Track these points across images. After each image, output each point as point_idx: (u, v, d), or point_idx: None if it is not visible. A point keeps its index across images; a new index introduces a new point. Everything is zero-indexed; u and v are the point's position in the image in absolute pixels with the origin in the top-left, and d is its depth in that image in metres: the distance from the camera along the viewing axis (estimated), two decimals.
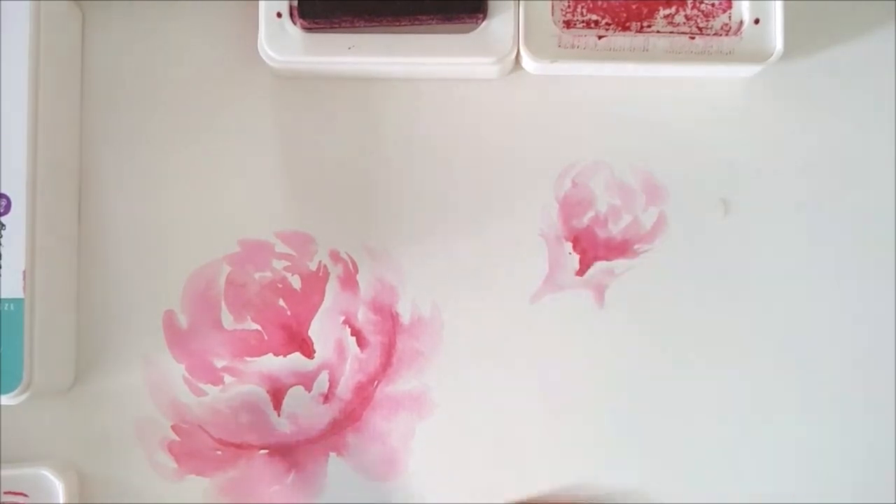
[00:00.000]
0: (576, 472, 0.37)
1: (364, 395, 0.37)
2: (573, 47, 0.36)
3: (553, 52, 0.36)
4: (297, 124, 0.38)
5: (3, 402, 0.33)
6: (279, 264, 0.38)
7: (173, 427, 0.37)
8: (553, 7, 0.36)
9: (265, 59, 0.36)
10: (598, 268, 0.38)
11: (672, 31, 0.36)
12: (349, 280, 0.38)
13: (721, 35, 0.36)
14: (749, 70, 0.37)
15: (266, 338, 0.37)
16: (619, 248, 0.38)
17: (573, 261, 0.38)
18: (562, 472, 0.37)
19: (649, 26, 0.36)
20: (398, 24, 0.36)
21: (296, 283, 0.38)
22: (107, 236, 0.38)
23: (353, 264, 0.38)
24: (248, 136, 0.38)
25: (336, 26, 0.36)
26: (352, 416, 0.37)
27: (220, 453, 0.37)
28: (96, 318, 0.37)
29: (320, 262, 0.38)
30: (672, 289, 0.38)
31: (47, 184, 0.34)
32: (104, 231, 0.38)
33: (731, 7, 0.36)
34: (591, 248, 0.38)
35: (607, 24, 0.36)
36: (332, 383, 0.37)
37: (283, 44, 0.36)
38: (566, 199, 0.38)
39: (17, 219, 0.33)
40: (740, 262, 0.38)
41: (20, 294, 0.33)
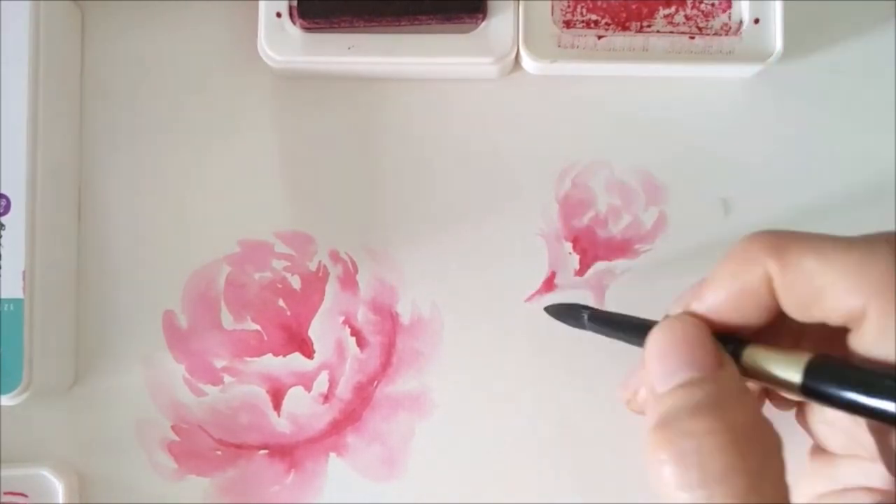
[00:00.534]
0: (576, 472, 0.37)
1: (364, 395, 0.37)
2: (573, 47, 0.36)
3: (553, 52, 0.36)
4: (296, 124, 0.38)
5: (2, 403, 0.33)
6: (279, 264, 0.38)
7: (173, 427, 0.37)
8: (553, 7, 0.36)
9: (265, 59, 0.36)
10: (599, 268, 0.38)
11: (672, 31, 0.36)
12: (349, 280, 0.38)
13: (721, 35, 0.36)
14: (749, 70, 0.37)
15: (266, 338, 0.37)
16: (620, 248, 0.38)
17: (573, 261, 0.38)
18: (562, 473, 0.37)
19: (649, 26, 0.36)
20: (398, 24, 0.36)
21: (295, 283, 0.38)
22: (107, 236, 0.38)
23: (353, 264, 0.38)
24: (248, 136, 0.38)
25: (336, 26, 0.36)
26: (352, 416, 0.37)
27: (219, 453, 0.37)
28: (96, 318, 0.37)
29: (320, 263, 0.38)
30: (672, 289, 0.38)
31: (47, 184, 0.35)
32: (104, 231, 0.38)
33: (730, 7, 0.36)
34: (592, 248, 0.38)
35: (607, 24, 0.36)
36: (332, 383, 0.37)
37: (283, 44, 0.36)
38: (566, 198, 0.38)
39: (16, 219, 0.33)
40: None
41: (20, 294, 0.33)
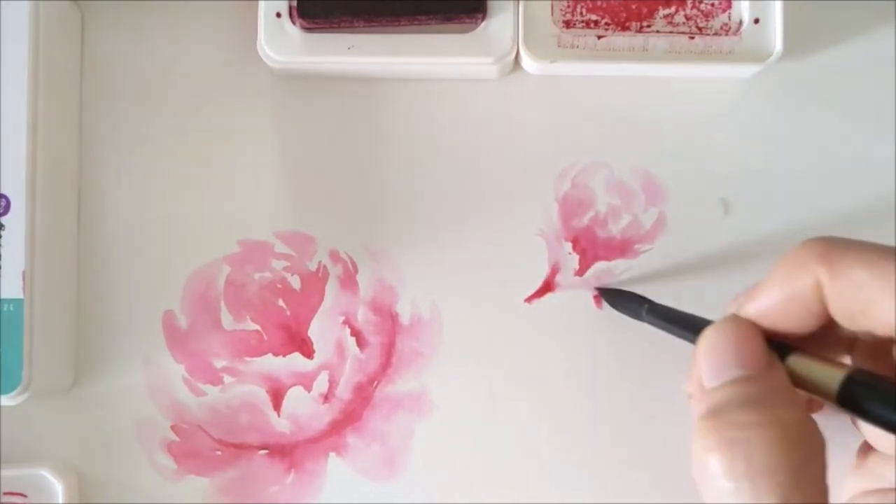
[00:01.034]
0: (576, 472, 0.37)
1: (364, 395, 0.37)
2: (573, 47, 0.36)
3: (553, 52, 0.36)
4: (296, 124, 0.38)
5: (2, 403, 0.33)
6: (279, 264, 0.38)
7: (173, 427, 0.37)
8: (553, 7, 0.36)
9: (265, 59, 0.36)
10: (598, 268, 0.38)
11: (672, 31, 0.36)
12: (349, 280, 0.38)
13: (720, 35, 0.36)
14: (749, 70, 0.37)
15: (266, 338, 0.37)
16: (619, 249, 0.38)
17: (573, 261, 0.38)
18: (562, 473, 0.37)
19: (649, 26, 0.36)
20: (398, 24, 0.36)
21: (295, 283, 0.38)
22: (107, 236, 0.38)
23: (353, 264, 0.38)
24: (248, 136, 0.38)
25: (335, 26, 0.36)
26: (351, 416, 0.37)
27: (219, 453, 0.37)
28: (96, 318, 0.37)
29: (320, 263, 0.38)
30: (672, 289, 0.38)
31: (47, 184, 0.34)
32: (104, 231, 0.38)
33: (730, 7, 0.36)
34: (591, 248, 0.38)
35: (607, 24, 0.36)
36: (332, 383, 0.37)
37: (283, 44, 0.36)
38: (566, 199, 0.38)
39: (16, 219, 0.33)
40: (740, 262, 0.38)
41: (20, 295, 0.33)
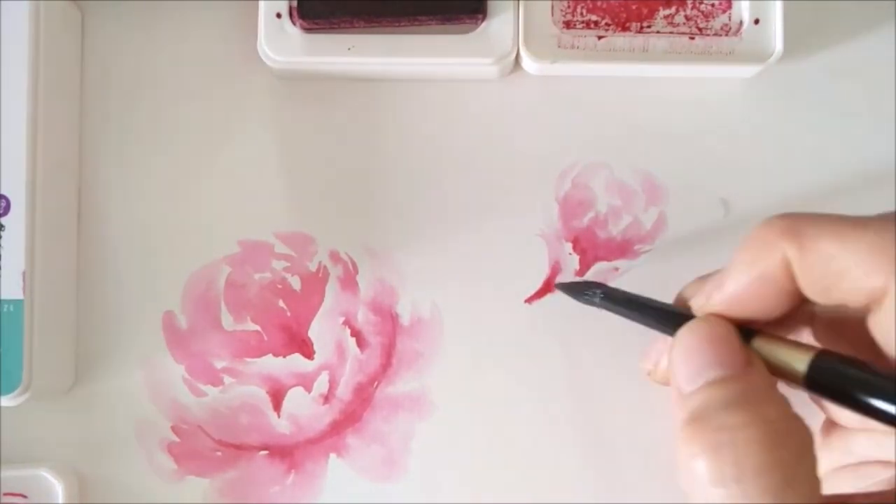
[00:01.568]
0: (576, 472, 0.37)
1: (364, 395, 0.37)
2: (573, 48, 0.36)
3: (553, 52, 0.36)
4: (296, 125, 0.38)
5: (2, 404, 0.33)
6: (279, 265, 0.38)
7: (173, 428, 0.37)
8: (553, 7, 0.36)
9: (265, 59, 0.36)
10: (599, 268, 0.38)
11: (672, 32, 0.36)
12: (349, 281, 0.38)
13: (721, 35, 0.36)
14: (749, 70, 0.37)
15: (266, 339, 0.37)
16: (620, 249, 0.38)
17: (573, 261, 0.38)
18: (562, 473, 0.37)
19: (649, 27, 0.36)
20: (398, 24, 0.36)
21: (296, 283, 0.38)
22: (107, 236, 0.38)
23: (353, 265, 0.38)
24: (248, 136, 0.38)
25: (336, 27, 0.36)
26: (352, 416, 0.37)
27: (219, 454, 0.37)
28: (96, 318, 0.37)
29: (320, 263, 0.38)
30: (672, 289, 0.38)
31: (47, 184, 0.34)
32: (104, 231, 0.38)
33: (730, 7, 0.36)
34: (592, 248, 0.38)
35: (607, 24, 0.36)
36: (332, 384, 0.37)
37: (283, 44, 0.36)
38: (566, 199, 0.38)
39: (16, 220, 0.33)
40: None
41: (20, 295, 0.33)
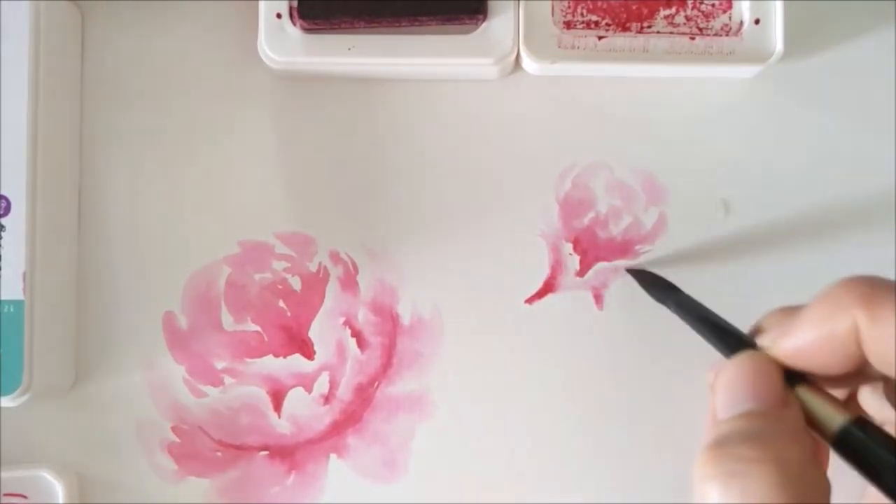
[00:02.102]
0: (577, 472, 0.37)
1: (364, 396, 0.37)
2: (573, 48, 0.36)
3: (553, 52, 0.36)
4: (296, 125, 0.38)
5: (3, 404, 0.33)
6: (279, 265, 0.38)
7: (173, 428, 0.37)
8: (553, 8, 0.36)
9: (265, 59, 0.36)
10: (599, 268, 0.38)
11: (672, 32, 0.36)
12: (349, 281, 0.38)
13: (721, 35, 0.36)
14: (749, 70, 0.37)
15: (266, 339, 0.37)
16: (620, 249, 0.38)
17: (574, 261, 0.38)
18: (562, 474, 0.37)
19: (649, 27, 0.36)
20: (398, 24, 0.36)
21: (296, 284, 0.38)
22: (107, 237, 0.38)
23: (354, 265, 0.38)
24: (248, 136, 0.38)
25: (336, 27, 0.36)
26: (352, 417, 0.37)
27: (220, 455, 0.37)
28: (96, 319, 0.37)
29: (320, 264, 0.38)
30: None
31: (47, 185, 0.34)
32: (104, 231, 0.38)
33: (731, 7, 0.36)
34: (592, 248, 0.38)
35: (607, 24, 0.36)
36: (333, 384, 0.37)
37: (283, 45, 0.36)
38: (566, 199, 0.38)
39: (16, 220, 0.33)
40: (740, 262, 0.38)
41: (20, 296, 0.33)
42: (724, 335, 0.31)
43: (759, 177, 0.38)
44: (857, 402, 0.31)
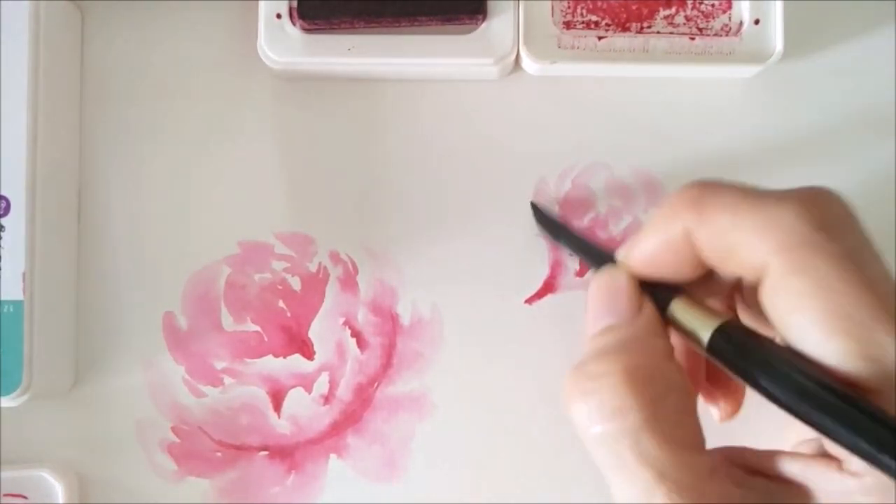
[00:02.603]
0: (577, 472, 0.37)
1: (364, 396, 0.37)
2: (573, 48, 0.36)
3: (553, 53, 0.36)
4: (296, 125, 0.38)
5: (2, 404, 0.33)
6: (279, 266, 0.38)
7: (173, 428, 0.37)
8: (553, 8, 0.36)
9: (265, 60, 0.36)
10: None
11: (672, 32, 0.36)
12: (349, 281, 0.38)
13: (721, 36, 0.36)
14: (749, 70, 0.37)
15: (266, 339, 0.37)
16: None
17: (574, 262, 0.38)
18: (562, 474, 0.37)
19: (649, 27, 0.36)
20: (398, 25, 0.36)
21: (296, 284, 0.38)
22: (107, 237, 0.38)
23: (353, 265, 0.38)
24: (248, 137, 0.38)
25: (335, 27, 0.36)
26: (352, 417, 0.37)
27: (219, 455, 0.37)
28: (96, 319, 0.37)
29: (320, 264, 0.38)
30: None
31: (47, 185, 0.34)
32: (104, 232, 0.38)
33: (730, 8, 0.36)
34: None
35: (607, 24, 0.36)
36: (333, 385, 0.37)
37: (283, 45, 0.36)
38: (566, 199, 0.38)
39: (16, 220, 0.33)
40: None
41: (20, 296, 0.33)
42: (599, 257, 0.31)
43: (760, 177, 0.38)
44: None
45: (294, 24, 0.36)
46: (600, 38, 0.36)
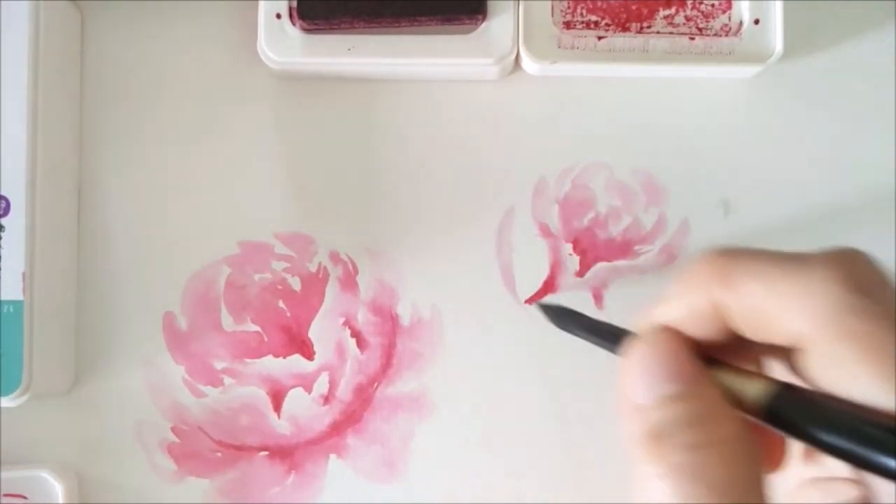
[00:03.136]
0: (577, 472, 0.37)
1: (364, 396, 0.37)
2: (573, 48, 0.36)
3: (553, 53, 0.36)
4: (296, 125, 0.38)
5: (2, 404, 0.33)
6: (279, 266, 0.38)
7: (173, 429, 0.37)
8: (553, 8, 0.36)
9: (265, 60, 0.36)
10: (599, 269, 0.38)
11: (672, 32, 0.36)
12: (349, 281, 0.38)
13: (721, 36, 0.36)
14: (749, 70, 0.37)
15: (266, 339, 0.37)
16: (620, 250, 0.38)
17: (573, 262, 0.38)
18: (563, 474, 0.37)
19: (649, 27, 0.36)
20: (398, 25, 0.36)
21: (296, 284, 0.38)
22: (107, 237, 0.38)
23: (353, 265, 0.38)
24: (248, 137, 0.38)
25: (335, 27, 0.36)
26: (352, 417, 0.37)
27: (219, 455, 0.37)
28: (96, 319, 0.37)
29: (320, 264, 0.38)
30: None
31: (47, 185, 0.34)
32: (104, 232, 0.38)
33: (730, 8, 0.36)
34: (592, 249, 0.38)
35: (607, 24, 0.36)
36: (332, 385, 0.37)
37: (283, 45, 0.36)
38: (566, 200, 0.38)
39: (16, 220, 0.33)
40: None
41: (20, 296, 0.33)
42: (623, 334, 0.29)
43: (759, 177, 0.38)
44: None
45: (294, 24, 0.36)
46: (600, 38, 0.36)
